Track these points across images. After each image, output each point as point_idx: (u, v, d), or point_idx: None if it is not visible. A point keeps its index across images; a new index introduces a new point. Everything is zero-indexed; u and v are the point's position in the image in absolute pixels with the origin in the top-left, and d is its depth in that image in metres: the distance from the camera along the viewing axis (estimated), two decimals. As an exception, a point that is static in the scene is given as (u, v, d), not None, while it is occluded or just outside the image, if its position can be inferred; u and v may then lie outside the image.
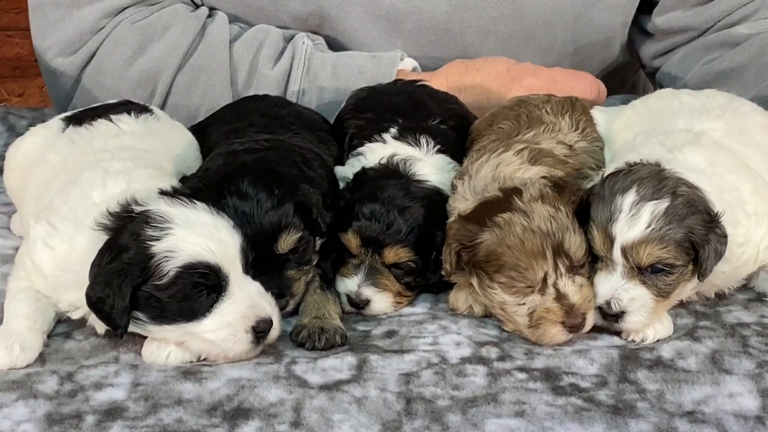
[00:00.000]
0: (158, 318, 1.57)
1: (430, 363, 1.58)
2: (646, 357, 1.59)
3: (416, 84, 2.13)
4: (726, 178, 1.70)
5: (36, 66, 3.76)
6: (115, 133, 1.89)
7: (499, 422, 1.45)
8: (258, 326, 1.59)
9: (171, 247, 1.55)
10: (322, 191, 1.76)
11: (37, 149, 1.92)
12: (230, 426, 1.45)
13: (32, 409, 1.49)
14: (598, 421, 1.45)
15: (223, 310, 1.58)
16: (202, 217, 1.60)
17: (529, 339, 1.64)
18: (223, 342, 1.58)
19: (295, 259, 1.72)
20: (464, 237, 1.66)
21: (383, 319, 1.73)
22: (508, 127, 1.92)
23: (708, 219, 1.62)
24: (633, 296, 1.62)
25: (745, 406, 1.48)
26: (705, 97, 1.96)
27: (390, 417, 1.47)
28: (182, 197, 1.63)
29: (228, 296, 1.59)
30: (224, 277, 1.58)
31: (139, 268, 1.55)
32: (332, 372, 1.56)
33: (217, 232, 1.59)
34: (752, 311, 1.71)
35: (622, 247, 1.61)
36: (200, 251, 1.56)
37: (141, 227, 1.57)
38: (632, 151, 1.75)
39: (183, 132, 2.03)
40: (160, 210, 1.59)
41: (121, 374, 1.56)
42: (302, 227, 1.71)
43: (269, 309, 1.61)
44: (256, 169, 1.74)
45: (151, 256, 1.55)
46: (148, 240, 1.56)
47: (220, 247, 1.58)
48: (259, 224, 1.68)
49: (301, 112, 2.09)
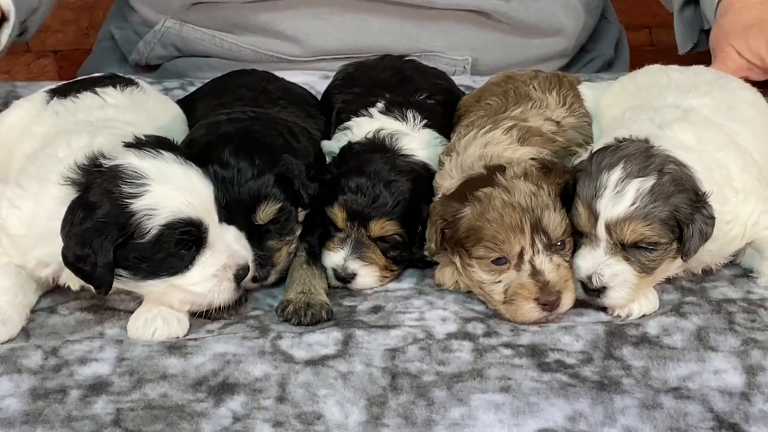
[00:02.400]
0: (140, 273, 1.57)
1: (416, 338, 1.58)
2: (632, 333, 1.59)
3: (404, 59, 2.12)
4: (715, 155, 1.70)
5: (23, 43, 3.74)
6: (99, 106, 1.87)
7: (485, 397, 1.46)
8: (238, 273, 1.60)
9: (151, 205, 1.54)
10: (306, 163, 1.75)
11: (22, 122, 1.91)
12: (215, 401, 1.45)
13: (16, 384, 1.49)
14: (583, 397, 1.45)
15: (206, 261, 1.59)
16: (174, 169, 1.59)
17: (504, 316, 1.63)
18: (209, 293, 1.60)
19: (276, 229, 1.72)
20: (447, 213, 1.65)
21: (369, 295, 1.73)
22: (496, 103, 1.91)
23: (695, 198, 1.61)
24: (615, 272, 1.62)
25: (730, 382, 1.49)
26: (693, 73, 1.95)
27: (375, 392, 1.47)
28: (149, 148, 1.61)
29: (209, 247, 1.60)
30: (204, 229, 1.58)
31: (118, 227, 1.53)
32: (318, 347, 1.56)
33: (192, 183, 1.58)
34: (738, 287, 1.71)
35: (606, 223, 1.61)
36: (181, 207, 1.56)
37: (114, 183, 1.54)
38: (621, 126, 1.75)
39: (169, 105, 2.02)
40: (132, 164, 1.57)
41: (106, 349, 1.56)
42: (283, 198, 1.70)
43: (246, 255, 1.63)
44: (238, 138, 1.73)
45: (131, 214, 1.53)
46: (126, 197, 1.54)
47: (197, 199, 1.58)
48: (237, 194, 1.67)
49: (289, 87, 2.08)
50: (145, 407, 1.44)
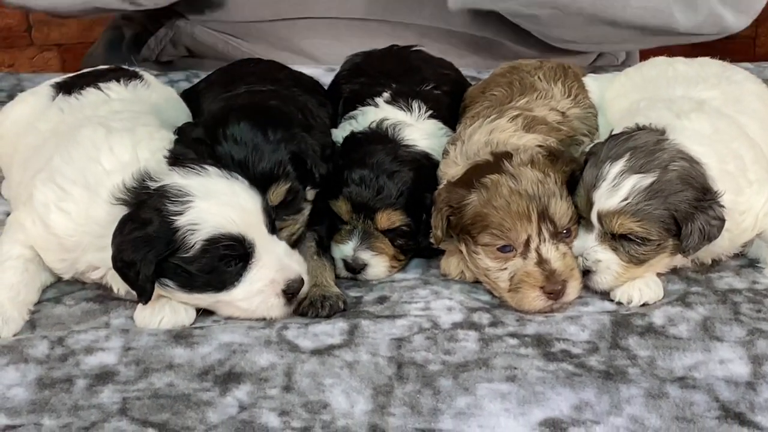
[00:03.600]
0: (187, 287, 1.58)
1: (421, 328, 1.58)
2: (638, 323, 1.59)
3: (411, 49, 2.12)
4: (730, 145, 1.70)
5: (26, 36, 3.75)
6: (104, 101, 1.87)
7: (491, 387, 1.46)
8: (288, 288, 1.59)
9: (194, 220, 1.55)
10: (323, 141, 1.74)
11: (27, 117, 1.91)
12: (221, 390, 1.45)
13: (23, 374, 1.49)
14: (589, 386, 1.45)
15: (253, 277, 1.59)
16: (219, 184, 1.59)
17: (509, 304, 1.63)
18: (257, 308, 1.60)
19: (283, 209, 1.70)
20: (453, 199, 1.65)
21: (375, 285, 1.73)
22: (501, 93, 1.91)
23: (701, 197, 1.61)
24: (599, 258, 1.64)
25: (735, 372, 1.49)
26: (699, 65, 1.96)
27: (381, 381, 1.47)
28: (192, 165, 1.61)
29: (255, 263, 1.59)
30: (249, 245, 1.58)
31: (164, 241, 1.54)
32: (324, 337, 1.56)
33: (237, 198, 1.58)
34: (744, 277, 1.72)
35: (598, 213, 1.63)
36: (223, 222, 1.56)
37: (161, 202, 1.56)
38: (638, 114, 1.74)
39: (172, 99, 2.02)
40: (177, 183, 1.58)
41: (112, 339, 1.56)
42: (293, 178, 1.69)
43: (297, 268, 1.62)
44: (254, 112, 1.72)
45: (176, 230, 1.54)
46: (171, 215, 1.55)
47: (242, 214, 1.57)
48: (252, 174, 1.66)
49: (298, 76, 2.08)
50: (152, 396, 1.44)
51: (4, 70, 3.86)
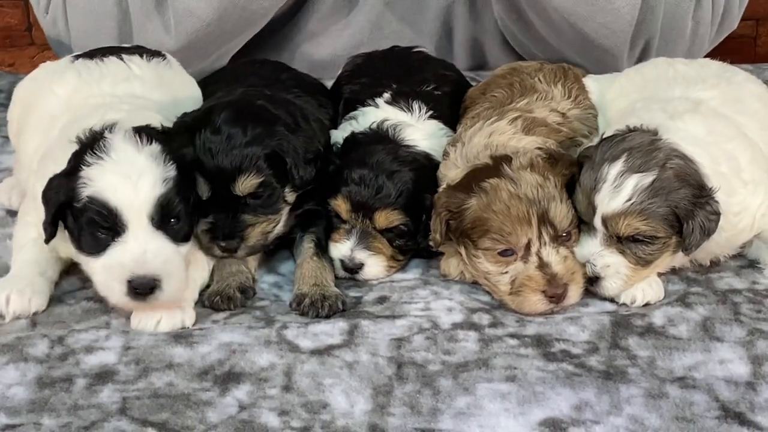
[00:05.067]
0: (74, 241, 1.59)
1: (421, 328, 1.58)
2: (638, 324, 1.59)
3: (413, 50, 2.12)
4: (725, 146, 1.70)
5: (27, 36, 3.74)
6: (125, 77, 1.86)
7: (491, 387, 1.46)
8: (134, 282, 1.55)
9: (90, 176, 1.56)
10: (313, 147, 1.74)
11: (44, 78, 1.91)
12: (221, 390, 1.45)
13: (23, 372, 1.49)
14: (589, 386, 1.45)
15: (111, 254, 1.56)
16: (138, 158, 1.58)
17: (510, 307, 1.63)
18: (101, 286, 1.58)
19: (256, 204, 1.70)
20: (452, 204, 1.65)
21: (375, 285, 1.73)
22: (502, 95, 1.92)
23: (698, 194, 1.61)
24: (607, 263, 1.63)
25: (735, 372, 1.49)
26: (699, 65, 1.95)
27: (381, 381, 1.47)
28: (145, 134, 1.60)
29: (120, 242, 1.56)
30: (122, 224, 1.56)
31: (67, 187, 1.56)
32: (323, 337, 1.56)
33: (138, 178, 1.56)
34: (744, 278, 1.72)
35: (603, 217, 1.62)
36: (108, 189, 1.55)
37: (87, 149, 1.57)
38: (633, 115, 1.75)
39: (192, 85, 2.01)
40: (111, 139, 1.58)
41: (112, 338, 1.56)
42: (269, 174, 1.69)
43: (151, 268, 1.56)
44: (237, 108, 1.73)
45: (78, 179, 1.56)
46: (83, 163, 1.56)
47: (129, 192, 1.55)
48: (220, 161, 1.67)
49: (301, 77, 2.08)
50: (151, 396, 1.44)
51: (5, 69, 3.85)
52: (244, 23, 2.24)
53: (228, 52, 2.31)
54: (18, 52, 3.83)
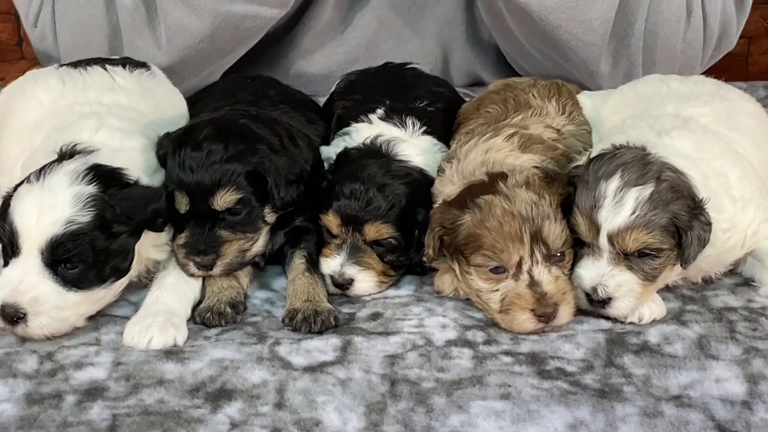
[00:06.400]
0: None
1: (415, 345, 1.57)
2: (633, 341, 1.58)
3: (406, 66, 2.12)
4: (713, 163, 1.70)
5: (17, 50, 3.73)
6: (110, 87, 1.87)
7: (485, 404, 1.44)
8: (2, 309, 1.55)
9: (18, 192, 1.58)
10: (297, 168, 1.73)
11: (27, 81, 1.92)
12: (213, 407, 1.44)
13: (11, 389, 1.47)
14: (584, 405, 1.44)
15: (4, 271, 1.58)
16: (61, 193, 1.57)
17: (500, 325, 1.62)
18: None
19: (234, 221, 1.69)
20: (446, 220, 1.64)
21: (368, 302, 1.72)
22: (496, 111, 1.91)
23: (692, 205, 1.61)
24: (619, 282, 1.61)
25: (731, 391, 1.48)
26: (693, 83, 1.96)
27: (374, 399, 1.46)
28: (94, 175, 1.60)
29: (11, 264, 1.57)
30: (17, 247, 1.56)
31: (7, 196, 1.60)
32: (316, 353, 1.55)
33: (46, 210, 1.55)
34: (739, 296, 1.71)
35: (608, 234, 1.60)
36: (18, 208, 1.57)
37: (42, 170, 1.59)
38: (621, 133, 1.74)
39: (177, 97, 2.01)
40: (58, 166, 1.60)
41: (102, 354, 1.54)
42: (248, 191, 1.68)
43: (20, 302, 1.55)
44: (221, 125, 1.72)
45: (14, 191, 1.60)
46: (27, 179, 1.59)
47: (32, 220, 1.55)
48: (199, 175, 1.66)
49: (291, 93, 2.08)
50: (142, 413, 1.43)
51: (-5, 83, 3.85)
52: (236, 40, 2.23)
53: (220, 68, 2.31)
54: (8, 66, 3.81)
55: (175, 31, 2.18)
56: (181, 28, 2.17)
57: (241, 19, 2.18)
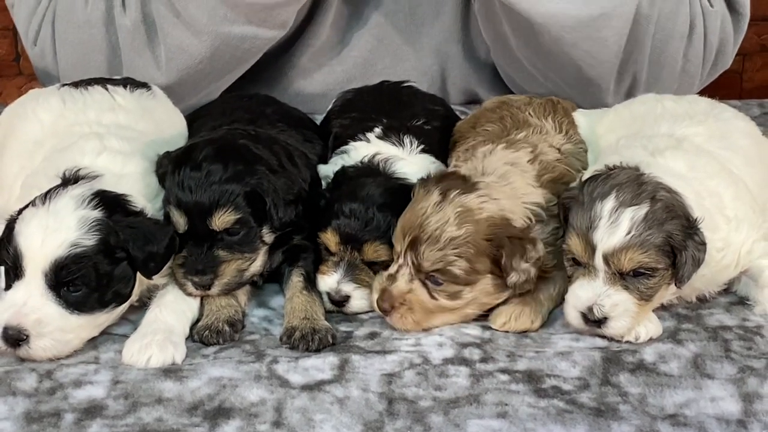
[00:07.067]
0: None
1: (412, 363, 1.58)
2: (629, 360, 1.59)
3: (402, 85, 2.13)
4: (706, 183, 1.70)
5: (15, 66, 3.74)
6: (110, 107, 1.88)
7: (482, 423, 1.45)
8: (5, 331, 1.55)
9: (23, 216, 1.59)
10: (295, 189, 1.74)
11: (28, 101, 1.93)
12: (211, 425, 1.44)
13: (10, 407, 1.48)
14: (580, 423, 1.45)
15: (7, 294, 1.58)
16: (66, 217, 1.58)
17: None
18: None
19: (233, 242, 1.70)
20: None
21: (365, 320, 1.73)
22: (494, 128, 1.90)
23: (686, 225, 1.62)
24: (615, 302, 1.62)
25: (727, 410, 1.48)
26: (688, 102, 1.96)
27: (372, 417, 1.46)
28: (98, 200, 1.61)
29: (15, 286, 1.58)
30: (21, 269, 1.57)
31: (11, 220, 1.62)
32: (314, 372, 1.55)
33: (51, 233, 1.56)
34: (734, 314, 1.72)
35: (604, 254, 1.61)
36: (23, 231, 1.57)
37: (47, 194, 1.61)
38: (614, 153, 1.75)
39: (177, 117, 2.02)
40: (62, 191, 1.61)
41: (101, 372, 1.55)
42: (247, 212, 1.68)
43: (23, 324, 1.55)
44: (221, 145, 1.73)
45: (19, 215, 1.61)
46: (32, 202, 1.61)
47: (36, 242, 1.56)
48: (198, 195, 1.67)
49: (287, 111, 2.08)
50: (140, 431, 1.43)
51: (-8, 99, 3.85)
52: (236, 61, 2.25)
53: (219, 87, 2.32)
54: (6, 81, 3.82)
55: (175, 52, 2.19)
56: (181, 49, 2.18)
57: (241, 40, 2.19)
